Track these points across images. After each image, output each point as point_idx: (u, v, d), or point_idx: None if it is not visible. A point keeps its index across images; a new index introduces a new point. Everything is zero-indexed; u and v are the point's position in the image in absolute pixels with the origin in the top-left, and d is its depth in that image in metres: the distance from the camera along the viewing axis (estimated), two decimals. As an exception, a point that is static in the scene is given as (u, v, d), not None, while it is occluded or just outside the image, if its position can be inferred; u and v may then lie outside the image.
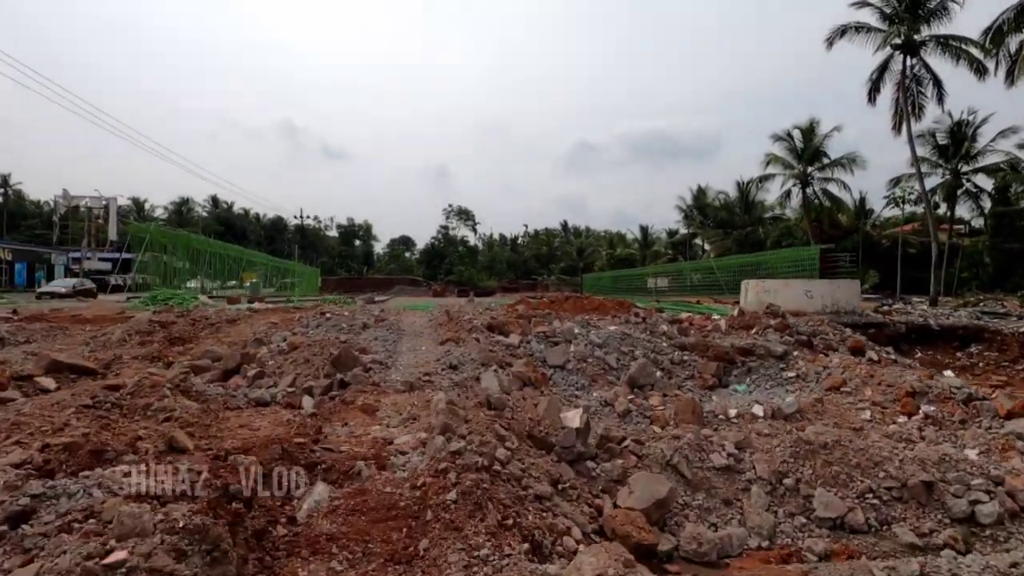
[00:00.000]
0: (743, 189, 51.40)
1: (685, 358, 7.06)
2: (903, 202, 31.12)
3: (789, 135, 36.05)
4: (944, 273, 29.98)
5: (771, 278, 20.93)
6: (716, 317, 10.29)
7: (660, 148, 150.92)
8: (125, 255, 25.56)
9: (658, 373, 6.52)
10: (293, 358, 5.54)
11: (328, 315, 8.32)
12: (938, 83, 26.30)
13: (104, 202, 56.07)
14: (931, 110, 27.57)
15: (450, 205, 79.98)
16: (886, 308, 13.34)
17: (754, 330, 8.08)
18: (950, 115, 31.84)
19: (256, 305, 12.05)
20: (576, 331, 7.37)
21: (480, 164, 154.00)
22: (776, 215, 51.71)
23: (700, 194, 57.02)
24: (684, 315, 10.75)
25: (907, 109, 25.98)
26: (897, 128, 28.10)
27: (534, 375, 5.46)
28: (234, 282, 39.62)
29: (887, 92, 27.56)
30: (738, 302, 17.78)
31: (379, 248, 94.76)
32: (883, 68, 27.44)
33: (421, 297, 48.13)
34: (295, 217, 67.43)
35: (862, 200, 42.48)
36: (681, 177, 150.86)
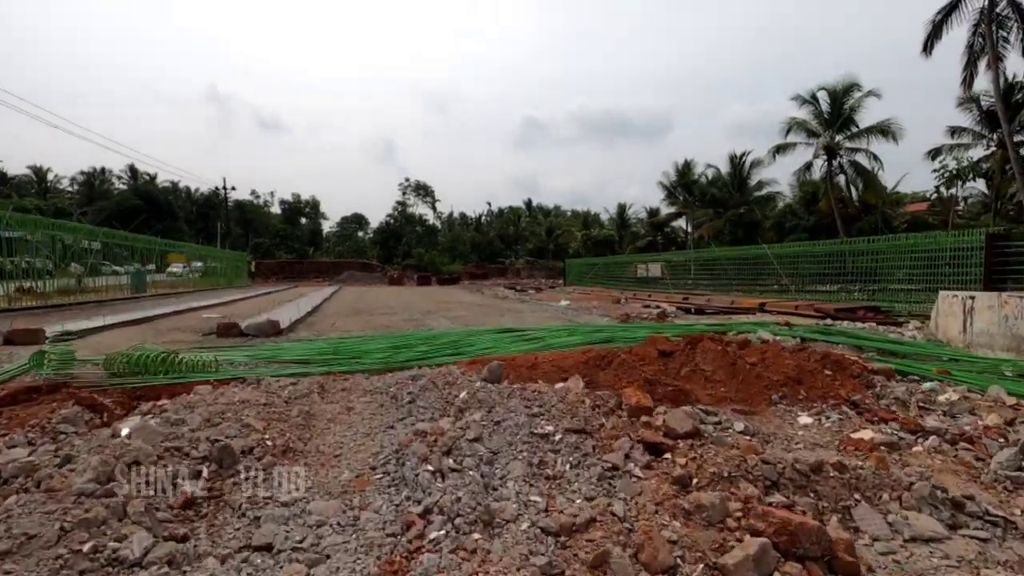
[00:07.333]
0: (736, 163, 46.37)
1: None
2: (956, 177, 26.28)
3: (814, 97, 30.60)
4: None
5: (872, 275, 15.22)
6: None
7: (611, 127, 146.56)
8: (7, 234, 17.08)
9: None
10: None
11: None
12: (1026, 26, 21.14)
13: (-25, 169, 45.59)
14: (1012, 64, 22.48)
15: (407, 179, 71.58)
16: None
17: None
18: (1005, 75, 27.08)
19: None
20: None
21: (428, 140, 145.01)
22: (766, 194, 47.06)
23: (686, 169, 51.50)
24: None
25: (991, 55, 20.73)
26: (967, 83, 22.97)
27: None
28: (152, 267, 31.36)
29: (950, 39, 22.30)
30: (845, 310, 11.88)
31: (328, 227, 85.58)
32: (953, 7, 22.07)
33: (376, 286, 40.82)
34: (218, 188, 57.93)
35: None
36: (633, 157, 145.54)
